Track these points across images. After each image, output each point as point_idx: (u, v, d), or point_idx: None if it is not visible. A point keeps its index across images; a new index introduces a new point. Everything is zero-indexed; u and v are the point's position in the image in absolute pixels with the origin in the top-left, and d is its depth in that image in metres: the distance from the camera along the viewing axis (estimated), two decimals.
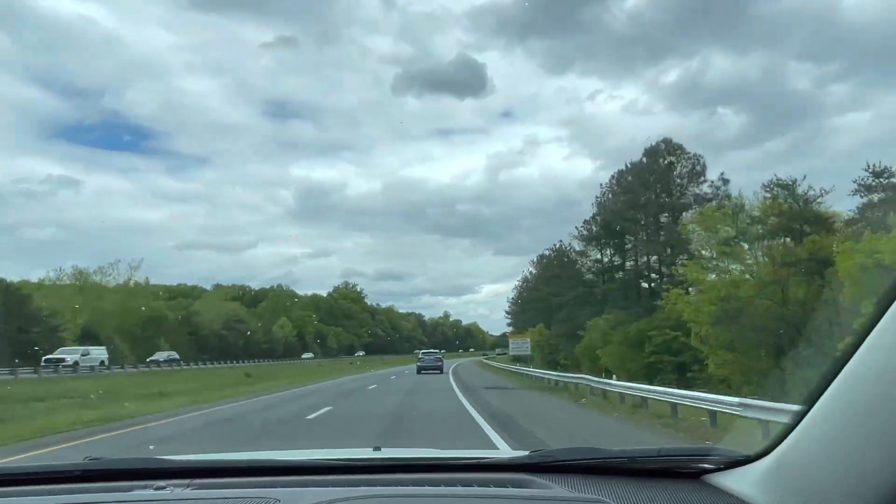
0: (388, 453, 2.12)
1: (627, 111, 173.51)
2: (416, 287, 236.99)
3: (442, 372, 44.47)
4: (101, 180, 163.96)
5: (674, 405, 14.18)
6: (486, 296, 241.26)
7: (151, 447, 11.20)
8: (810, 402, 1.18)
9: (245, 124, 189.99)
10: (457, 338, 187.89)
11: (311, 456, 2.04)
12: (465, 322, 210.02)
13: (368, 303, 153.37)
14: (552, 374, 30.84)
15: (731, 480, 1.49)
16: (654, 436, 11.87)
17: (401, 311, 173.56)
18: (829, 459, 1.09)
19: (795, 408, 1.28)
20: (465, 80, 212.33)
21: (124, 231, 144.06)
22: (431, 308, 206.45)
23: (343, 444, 10.05)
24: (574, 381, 24.66)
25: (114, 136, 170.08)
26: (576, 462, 1.76)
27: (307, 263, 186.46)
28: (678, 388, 17.62)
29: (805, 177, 31.63)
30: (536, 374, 34.54)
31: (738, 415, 10.85)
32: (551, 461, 1.80)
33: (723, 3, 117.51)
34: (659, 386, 18.27)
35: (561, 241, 63.33)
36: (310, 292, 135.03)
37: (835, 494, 1.04)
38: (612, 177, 51.80)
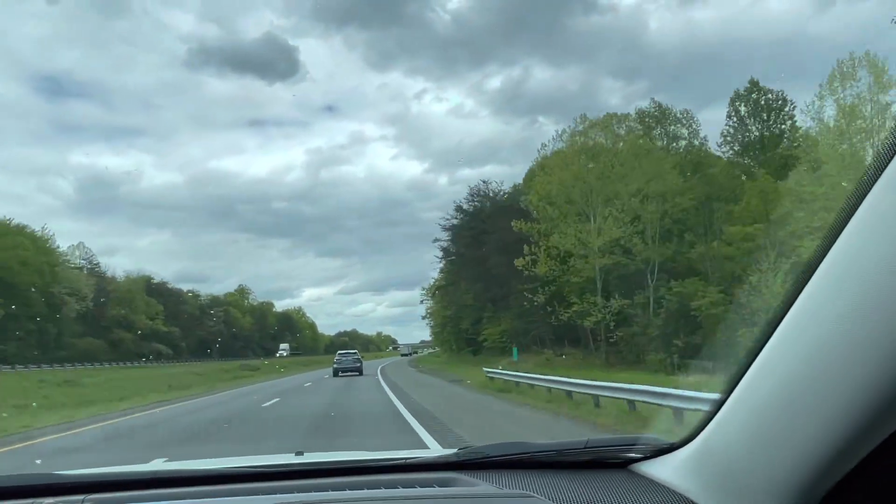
0: (310, 458, 1.98)
1: (454, 114, 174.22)
2: (225, 290, 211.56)
3: (361, 374, 39.60)
4: None
5: None
6: (308, 300, 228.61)
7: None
8: (730, 389, 1.22)
9: (9, 100, 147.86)
10: (266, 328, 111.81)
11: (225, 464, 1.86)
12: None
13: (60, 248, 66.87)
14: None
15: (657, 468, 1.54)
16: None
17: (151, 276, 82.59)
18: (749, 444, 1.13)
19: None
20: (273, 62, 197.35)
21: None
22: None
23: None
24: None
25: None
26: (504, 458, 1.75)
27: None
28: None
29: None
30: None
31: None
32: (479, 458, 1.77)
33: (541, 14, 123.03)
34: None
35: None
36: None
37: (755, 477, 1.09)
38: None
